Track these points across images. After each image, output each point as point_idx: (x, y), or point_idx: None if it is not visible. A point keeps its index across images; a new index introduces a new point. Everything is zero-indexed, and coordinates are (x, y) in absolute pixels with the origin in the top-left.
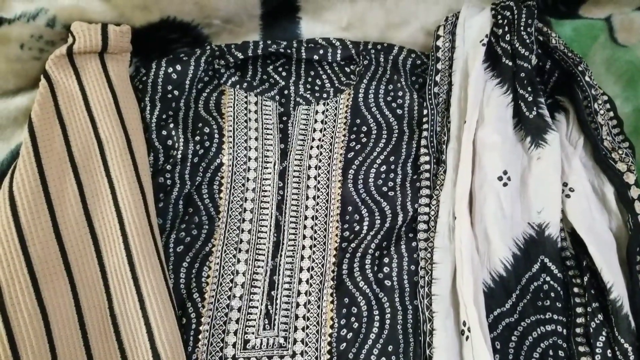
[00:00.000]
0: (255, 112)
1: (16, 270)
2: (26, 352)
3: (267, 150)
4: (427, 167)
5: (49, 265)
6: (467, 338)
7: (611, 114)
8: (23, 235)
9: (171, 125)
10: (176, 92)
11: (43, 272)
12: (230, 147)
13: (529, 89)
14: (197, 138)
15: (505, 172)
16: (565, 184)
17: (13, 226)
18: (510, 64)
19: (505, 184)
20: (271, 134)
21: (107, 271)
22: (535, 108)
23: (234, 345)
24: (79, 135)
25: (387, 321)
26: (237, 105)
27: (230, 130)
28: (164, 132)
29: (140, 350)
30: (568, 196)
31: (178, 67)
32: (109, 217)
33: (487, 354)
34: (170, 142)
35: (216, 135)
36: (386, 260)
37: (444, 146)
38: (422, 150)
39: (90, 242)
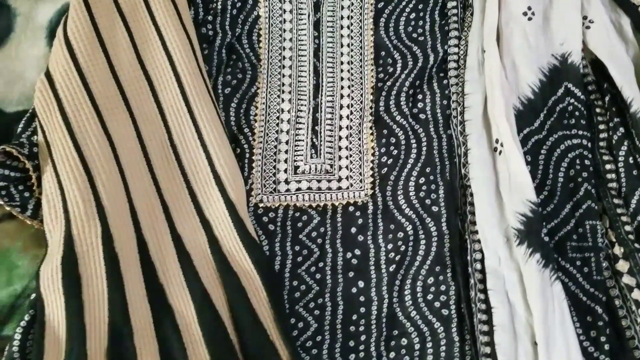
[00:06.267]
0: None
1: (80, 103)
2: (99, 174)
3: (301, 3)
4: (454, 11)
5: (109, 100)
6: (500, 153)
7: None
8: (83, 74)
9: None
10: None
11: (105, 106)
12: (266, 0)
13: None
14: None
15: (529, 8)
16: (585, 17)
17: (73, 66)
18: None
19: (530, 19)
20: None
21: (163, 107)
22: None
23: (285, 171)
24: None
25: (424, 148)
26: None
27: None
28: None
29: (202, 174)
30: (588, 27)
31: None
32: (159, 60)
33: (520, 159)
34: None
35: None
36: (420, 96)
37: None
38: None
39: (145, 83)
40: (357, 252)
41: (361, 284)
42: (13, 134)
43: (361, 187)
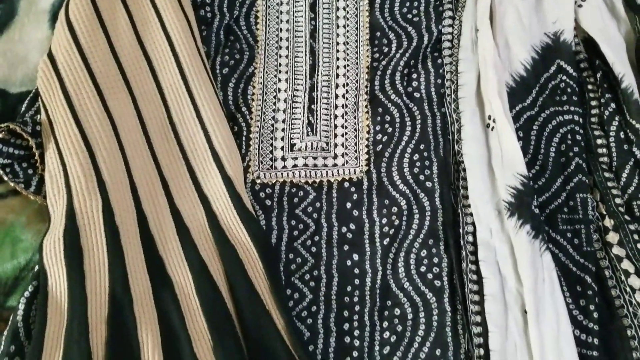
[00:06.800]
0: None
1: (82, 82)
2: (100, 150)
3: None
4: None
5: (110, 79)
6: (492, 129)
7: None
8: (84, 54)
9: None
10: None
11: (106, 85)
12: None
13: None
14: None
15: None
16: None
17: (74, 46)
18: None
19: None
20: None
21: (162, 87)
22: None
23: (282, 148)
24: None
25: (418, 126)
26: None
27: None
28: None
29: (200, 151)
30: (580, 6)
31: None
32: (159, 41)
33: (511, 135)
34: None
35: None
36: (414, 75)
37: None
38: None
39: (144, 63)
40: (352, 226)
41: (356, 256)
42: (17, 114)
43: (356, 164)
